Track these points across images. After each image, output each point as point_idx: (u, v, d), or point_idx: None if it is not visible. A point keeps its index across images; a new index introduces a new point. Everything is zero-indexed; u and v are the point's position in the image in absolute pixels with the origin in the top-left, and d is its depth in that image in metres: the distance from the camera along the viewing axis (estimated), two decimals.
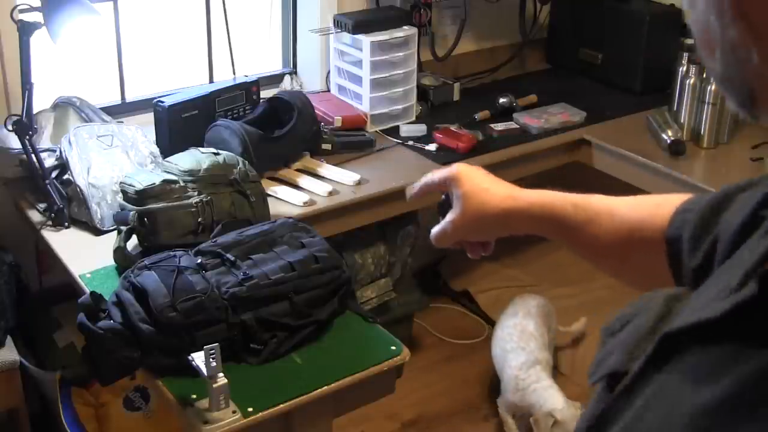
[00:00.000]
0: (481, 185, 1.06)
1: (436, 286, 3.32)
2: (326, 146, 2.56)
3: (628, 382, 0.60)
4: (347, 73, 2.81)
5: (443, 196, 1.12)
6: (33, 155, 2.19)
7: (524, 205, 1.03)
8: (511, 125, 2.81)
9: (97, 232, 2.15)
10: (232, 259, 1.74)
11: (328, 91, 2.92)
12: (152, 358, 1.62)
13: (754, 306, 0.53)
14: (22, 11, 2.11)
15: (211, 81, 2.83)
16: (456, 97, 3.01)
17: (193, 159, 2.03)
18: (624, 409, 0.59)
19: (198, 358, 1.52)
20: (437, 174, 1.10)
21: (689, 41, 2.86)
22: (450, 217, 1.08)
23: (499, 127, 2.79)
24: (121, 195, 2.00)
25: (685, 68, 2.76)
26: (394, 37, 2.72)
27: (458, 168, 1.08)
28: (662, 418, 0.56)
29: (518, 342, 2.60)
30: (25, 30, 2.11)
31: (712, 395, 0.53)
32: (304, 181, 2.40)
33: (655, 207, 0.92)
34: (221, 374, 1.51)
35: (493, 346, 2.70)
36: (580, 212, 0.99)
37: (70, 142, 2.19)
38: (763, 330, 0.52)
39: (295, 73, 3.03)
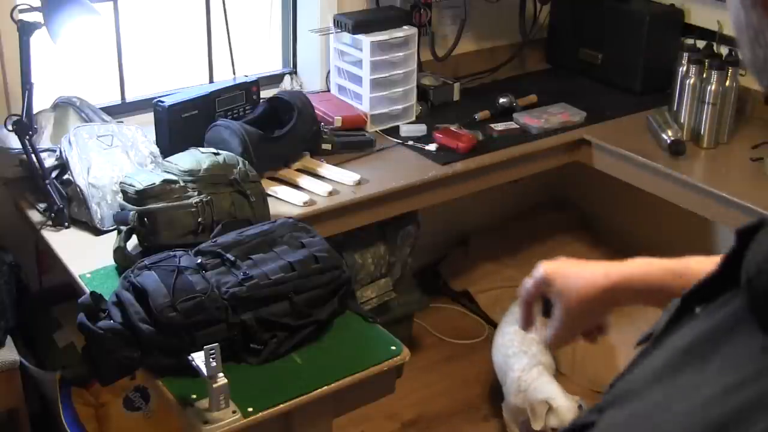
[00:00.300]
0: (571, 271, 1.07)
1: (436, 286, 3.32)
2: (326, 146, 2.56)
3: (650, 343, 0.65)
4: (347, 73, 2.81)
5: (543, 300, 1.12)
6: (33, 155, 2.19)
7: (621, 279, 1.03)
8: (511, 125, 2.81)
9: (97, 232, 2.15)
10: (232, 259, 1.74)
11: (328, 91, 2.92)
12: (152, 358, 1.62)
13: (738, 259, 0.59)
14: (22, 11, 2.11)
15: (211, 81, 2.83)
16: (456, 97, 3.01)
17: (193, 159, 2.03)
18: (639, 364, 0.64)
19: (198, 358, 1.52)
20: (528, 284, 1.11)
21: (689, 41, 2.86)
22: (556, 317, 1.09)
23: (499, 127, 2.78)
24: (121, 195, 2.00)
25: (685, 68, 2.75)
26: (394, 37, 2.72)
27: (544, 268, 1.10)
28: (650, 365, 0.62)
29: (520, 346, 2.60)
30: (25, 30, 2.11)
31: (691, 338, 0.59)
32: (304, 181, 2.40)
33: None
34: (221, 374, 1.52)
35: (494, 353, 2.70)
36: (681, 280, 0.99)
37: (70, 142, 2.19)
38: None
39: (295, 73, 3.03)
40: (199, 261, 1.74)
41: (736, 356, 0.55)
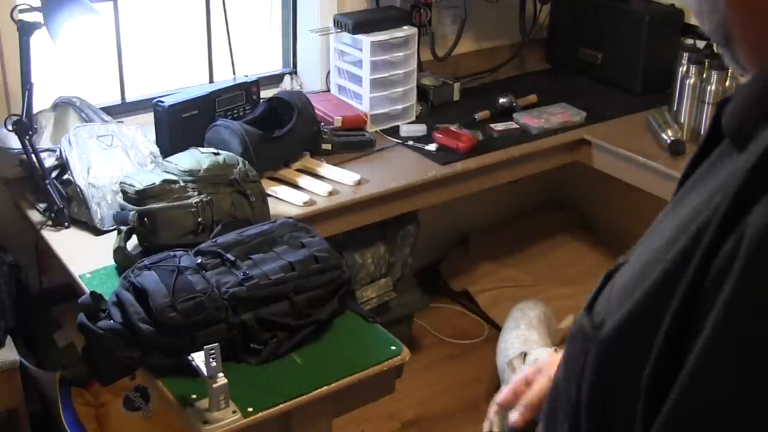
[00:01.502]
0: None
1: (436, 286, 3.32)
2: (326, 146, 2.56)
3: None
4: (347, 73, 2.81)
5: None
6: (33, 155, 2.19)
7: None
8: (511, 125, 2.81)
9: (97, 232, 2.15)
10: (232, 259, 1.74)
11: (328, 91, 2.92)
12: (152, 358, 1.62)
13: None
14: (22, 11, 2.11)
15: (211, 81, 2.83)
16: (456, 97, 3.01)
17: (193, 159, 2.03)
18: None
19: (198, 358, 1.52)
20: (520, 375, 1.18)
21: (689, 41, 2.86)
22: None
23: (499, 127, 2.78)
24: (121, 195, 2.00)
25: (685, 68, 2.75)
26: (394, 37, 2.72)
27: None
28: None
29: (521, 347, 2.60)
30: (25, 30, 2.11)
31: (692, 180, 0.74)
32: (304, 181, 2.40)
33: None
34: (221, 374, 1.51)
35: (498, 356, 2.70)
36: None
37: (70, 142, 2.19)
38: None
39: (295, 73, 3.03)
40: (199, 261, 1.74)
41: (717, 177, 0.65)
